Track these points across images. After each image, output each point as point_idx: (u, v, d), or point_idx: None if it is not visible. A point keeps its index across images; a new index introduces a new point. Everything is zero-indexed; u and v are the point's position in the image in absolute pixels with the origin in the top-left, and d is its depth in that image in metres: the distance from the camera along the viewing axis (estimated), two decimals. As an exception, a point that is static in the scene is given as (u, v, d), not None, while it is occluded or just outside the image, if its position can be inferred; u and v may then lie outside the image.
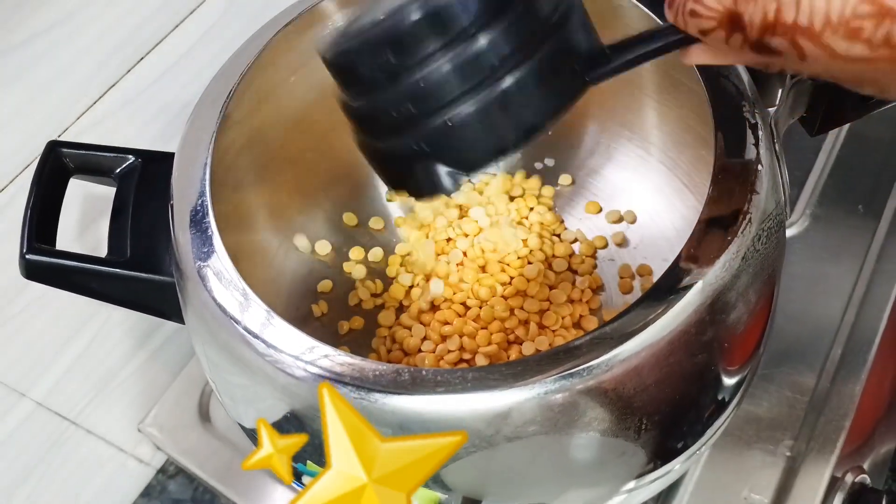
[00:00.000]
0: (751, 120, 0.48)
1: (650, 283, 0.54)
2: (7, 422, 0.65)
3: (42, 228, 0.52)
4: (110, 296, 0.53)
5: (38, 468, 0.68)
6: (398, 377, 0.42)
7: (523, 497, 0.47)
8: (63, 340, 0.67)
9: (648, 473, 0.49)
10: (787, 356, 0.65)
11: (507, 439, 0.43)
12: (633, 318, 0.42)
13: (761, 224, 0.45)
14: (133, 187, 0.54)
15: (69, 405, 0.69)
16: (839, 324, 0.66)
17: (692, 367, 0.46)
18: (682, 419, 0.49)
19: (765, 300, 0.49)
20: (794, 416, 0.62)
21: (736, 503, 0.60)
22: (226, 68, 0.55)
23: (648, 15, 0.53)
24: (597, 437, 0.45)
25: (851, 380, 0.64)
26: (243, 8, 0.72)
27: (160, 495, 0.75)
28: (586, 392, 0.42)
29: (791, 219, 0.70)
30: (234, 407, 0.54)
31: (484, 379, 0.41)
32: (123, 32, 0.65)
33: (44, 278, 0.52)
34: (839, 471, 0.61)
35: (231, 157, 0.55)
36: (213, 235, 0.48)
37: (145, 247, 0.52)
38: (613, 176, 0.67)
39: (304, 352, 0.43)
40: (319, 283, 0.66)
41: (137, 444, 0.74)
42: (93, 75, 0.64)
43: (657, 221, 0.66)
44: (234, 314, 0.45)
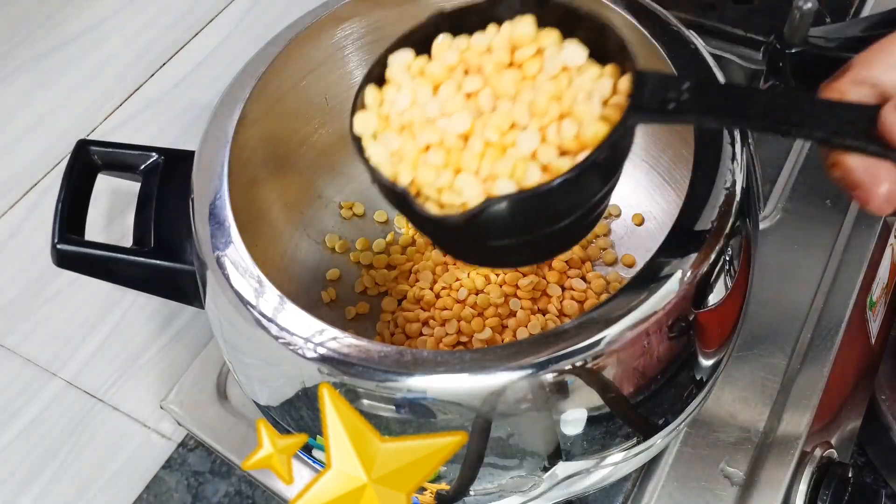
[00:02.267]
0: (727, 121, 0.48)
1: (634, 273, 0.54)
2: (39, 399, 0.65)
3: (72, 220, 0.52)
4: (135, 282, 0.53)
5: (68, 442, 0.68)
6: (401, 358, 0.42)
7: (516, 469, 0.47)
8: (91, 324, 0.67)
9: (631, 448, 0.50)
10: (760, 339, 0.65)
11: (502, 415, 0.43)
12: (618, 304, 0.42)
13: (736, 217, 0.45)
14: (156, 182, 0.54)
15: (96, 384, 0.69)
16: (808, 309, 0.66)
17: (672, 349, 0.46)
18: (663, 397, 0.49)
19: (739, 288, 0.49)
20: (767, 395, 0.62)
21: (713, 476, 0.60)
22: (243, 73, 0.55)
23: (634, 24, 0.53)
24: (584, 413, 0.45)
25: (820, 361, 0.64)
26: (259, 17, 0.72)
27: (181, 467, 0.75)
28: (574, 372, 0.42)
29: (764, 212, 0.70)
30: (250, 385, 0.54)
31: (480, 360, 0.41)
32: (148, 39, 0.65)
33: (73, 266, 0.52)
34: (808, 446, 0.61)
35: (247, 154, 0.55)
36: (230, 227, 0.48)
37: (167, 237, 0.52)
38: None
39: (314, 334, 0.43)
40: (328, 271, 0.66)
41: (160, 420, 0.74)
42: (119, 79, 0.64)
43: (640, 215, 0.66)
44: (249, 300, 0.45)
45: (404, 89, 0.41)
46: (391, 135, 0.40)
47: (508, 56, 0.40)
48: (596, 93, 0.39)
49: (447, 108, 0.40)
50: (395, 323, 0.64)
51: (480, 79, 0.40)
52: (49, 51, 0.59)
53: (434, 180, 0.39)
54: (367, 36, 0.61)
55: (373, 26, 0.60)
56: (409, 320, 0.63)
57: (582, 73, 0.40)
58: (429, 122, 0.40)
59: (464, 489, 0.48)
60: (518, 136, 0.39)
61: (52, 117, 0.60)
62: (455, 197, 0.38)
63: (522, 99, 0.39)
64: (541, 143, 0.38)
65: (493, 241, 0.41)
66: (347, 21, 0.59)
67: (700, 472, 0.60)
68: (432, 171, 0.39)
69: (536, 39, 0.40)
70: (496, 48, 0.41)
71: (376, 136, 0.41)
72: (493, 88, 0.40)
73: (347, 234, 0.68)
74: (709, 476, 0.60)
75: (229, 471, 0.74)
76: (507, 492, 0.49)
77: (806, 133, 0.37)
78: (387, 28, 0.61)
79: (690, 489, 0.59)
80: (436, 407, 0.42)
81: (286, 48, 0.56)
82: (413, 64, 0.41)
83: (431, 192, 0.39)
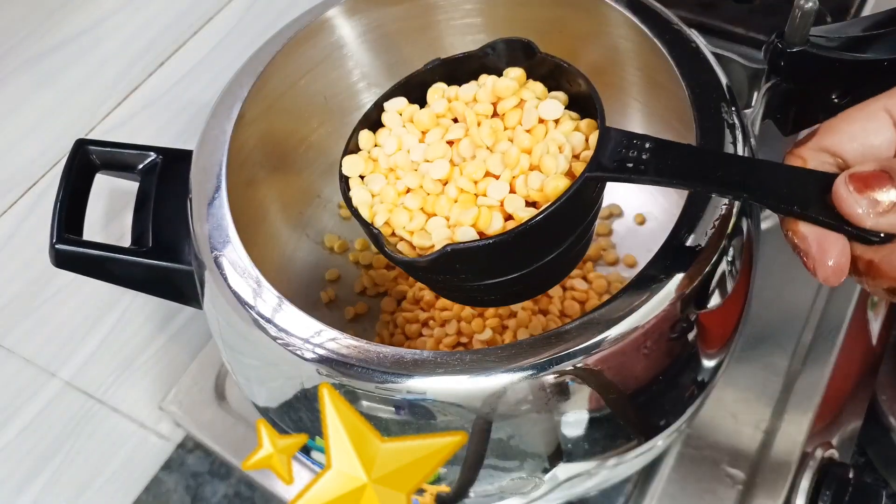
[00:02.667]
0: (729, 120, 0.48)
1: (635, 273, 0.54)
2: (38, 400, 0.65)
3: (70, 220, 0.52)
4: (133, 282, 0.53)
5: (67, 443, 0.68)
6: (400, 359, 0.42)
7: (516, 471, 0.47)
8: (89, 324, 0.67)
9: (633, 449, 0.49)
10: (762, 340, 0.64)
11: (502, 417, 0.43)
12: (619, 305, 0.42)
13: (738, 218, 0.45)
14: (154, 182, 0.53)
15: (95, 384, 0.69)
16: (810, 310, 0.66)
17: (673, 350, 0.46)
18: (665, 398, 0.49)
19: (741, 288, 0.49)
20: (768, 396, 0.62)
21: (714, 476, 0.60)
22: (241, 72, 0.55)
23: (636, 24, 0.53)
24: (585, 415, 0.45)
25: (821, 362, 0.64)
26: (257, 17, 0.72)
27: (179, 468, 0.75)
28: (575, 373, 0.42)
29: (765, 212, 0.70)
30: (248, 386, 0.53)
31: (480, 361, 0.41)
32: (146, 39, 0.64)
33: (72, 266, 0.52)
34: (810, 446, 0.61)
35: (245, 154, 0.55)
36: (228, 227, 0.48)
37: (166, 237, 0.52)
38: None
39: (313, 335, 0.43)
40: (327, 271, 0.66)
41: (158, 420, 0.74)
42: (118, 78, 0.64)
43: (642, 215, 0.66)
44: (248, 300, 0.45)
45: (394, 134, 0.45)
46: (377, 177, 0.44)
47: (492, 107, 0.44)
48: (566, 146, 0.41)
49: (430, 154, 0.43)
50: (394, 323, 0.64)
51: (463, 128, 0.44)
52: (47, 51, 0.58)
53: (407, 223, 0.42)
54: (366, 35, 0.60)
55: (372, 25, 0.60)
56: (409, 321, 0.63)
57: (558, 127, 0.43)
58: (412, 166, 0.44)
59: (464, 491, 0.48)
60: (489, 185, 0.42)
61: (51, 117, 0.60)
62: (425, 240, 0.42)
63: (498, 149, 0.42)
64: (509, 194, 0.41)
65: (468, 282, 0.43)
66: (346, 20, 0.59)
67: (701, 473, 0.60)
68: (406, 214, 0.42)
69: (518, 92, 0.43)
70: (480, 99, 0.44)
71: (364, 176, 0.45)
72: (472, 138, 0.43)
73: (346, 234, 0.68)
74: (710, 477, 0.60)
75: (228, 472, 0.74)
76: (508, 493, 0.49)
77: (760, 198, 0.37)
78: (386, 27, 0.61)
79: (692, 490, 0.59)
80: (436, 408, 0.42)
81: (284, 47, 0.56)
82: (405, 110, 0.45)
83: (404, 233, 0.42)
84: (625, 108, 0.62)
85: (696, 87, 0.49)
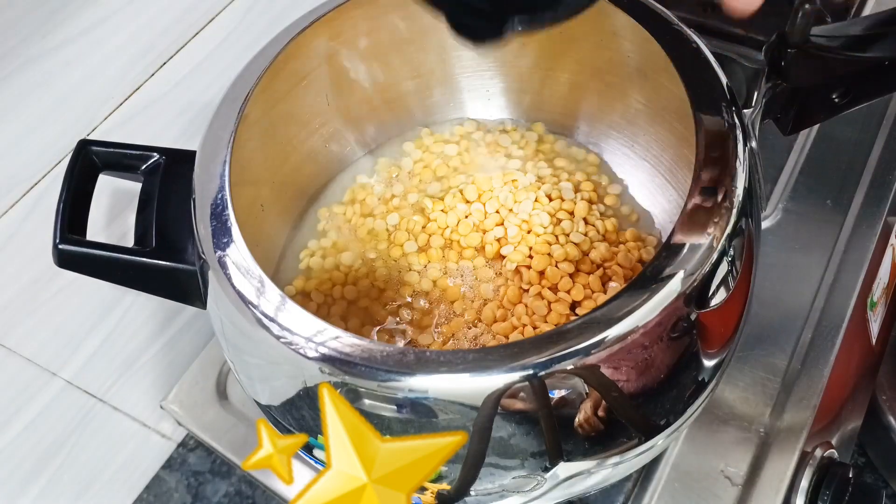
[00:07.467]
0: (729, 121, 0.48)
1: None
2: (39, 399, 0.65)
3: (73, 220, 0.52)
4: (136, 282, 0.53)
5: (68, 442, 0.69)
6: (403, 358, 0.42)
7: (517, 469, 0.47)
8: (91, 324, 0.67)
9: (633, 448, 0.50)
10: (761, 340, 0.65)
11: (503, 415, 0.43)
12: (621, 304, 0.42)
13: (738, 217, 0.45)
14: (157, 182, 0.53)
15: (97, 384, 0.70)
16: (809, 309, 0.66)
17: (674, 349, 0.46)
18: (665, 398, 0.49)
19: (742, 288, 0.49)
20: (768, 396, 0.62)
21: (713, 476, 0.60)
22: (243, 72, 0.55)
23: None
24: (585, 414, 0.45)
25: (820, 362, 0.64)
26: (259, 17, 0.72)
27: (181, 467, 0.75)
28: (576, 372, 0.42)
29: (765, 212, 0.70)
30: (251, 385, 0.54)
31: (483, 359, 0.41)
32: (148, 38, 0.65)
33: (75, 266, 0.52)
34: (809, 446, 0.61)
35: (248, 154, 0.55)
36: (231, 227, 0.48)
37: (169, 237, 0.52)
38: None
39: (316, 334, 0.43)
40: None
41: (160, 419, 0.75)
42: (120, 78, 0.64)
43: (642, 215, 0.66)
44: (251, 299, 0.45)
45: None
46: None
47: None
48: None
49: None
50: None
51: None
52: (49, 50, 0.59)
53: None
54: (367, 36, 0.61)
55: (373, 25, 0.60)
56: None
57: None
58: None
59: (465, 489, 0.48)
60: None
61: (53, 117, 0.60)
62: None
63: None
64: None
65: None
66: (348, 21, 0.59)
67: (701, 473, 0.60)
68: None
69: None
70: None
71: None
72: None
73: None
74: (709, 476, 0.60)
75: (229, 471, 0.74)
76: (509, 492, 0.49)
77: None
78: (388, 28, 0.61)
79: (691, 489, 0.59)
80: (438, 407, 0.42)
81: (287, 48, 0.56)
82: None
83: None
84: (625, 108, 0.62)
85: (696, 87, 0.50)
